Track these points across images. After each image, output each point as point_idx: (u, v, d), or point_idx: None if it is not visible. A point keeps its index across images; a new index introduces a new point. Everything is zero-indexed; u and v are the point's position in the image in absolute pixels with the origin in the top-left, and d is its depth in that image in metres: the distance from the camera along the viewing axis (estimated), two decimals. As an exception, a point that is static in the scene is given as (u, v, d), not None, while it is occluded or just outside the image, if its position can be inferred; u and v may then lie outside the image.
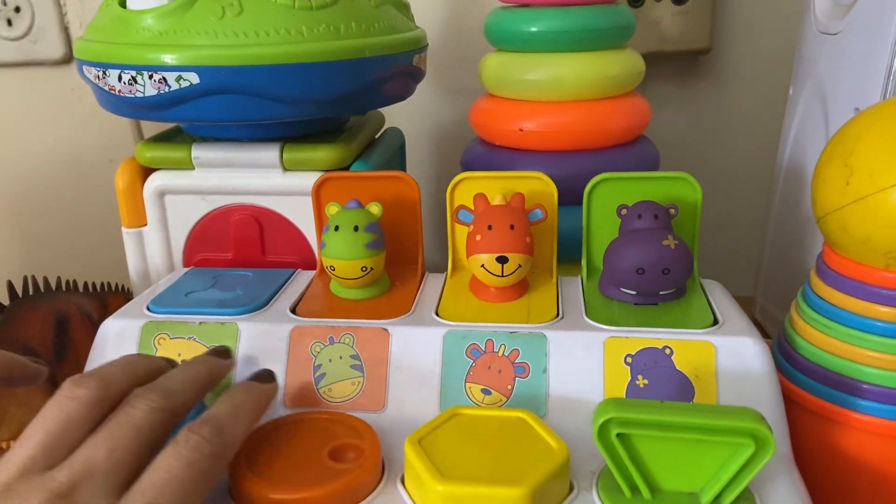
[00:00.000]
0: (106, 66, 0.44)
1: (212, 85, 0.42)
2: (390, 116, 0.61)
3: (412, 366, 0.38)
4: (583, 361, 0.37)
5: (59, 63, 0.74)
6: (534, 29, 0.49)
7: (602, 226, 0.44)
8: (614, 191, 0.43)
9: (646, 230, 0.40)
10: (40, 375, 0.36)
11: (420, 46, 0.51)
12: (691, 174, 0.42)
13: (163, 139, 0.51)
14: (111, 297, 0.55)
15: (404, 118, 0.67)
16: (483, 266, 0.40)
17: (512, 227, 0.40)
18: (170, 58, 0.42)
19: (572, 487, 0.32)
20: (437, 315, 0.40)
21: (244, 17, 0.42)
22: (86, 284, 0.54)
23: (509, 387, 0.37)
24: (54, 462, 0.27)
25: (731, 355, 0.36)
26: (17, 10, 0.72)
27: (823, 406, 0.36)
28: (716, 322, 0.38)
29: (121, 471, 0.28)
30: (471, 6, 0.69)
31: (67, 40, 0.74)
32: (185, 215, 0.50)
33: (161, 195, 0.49)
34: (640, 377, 0.36)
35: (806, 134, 0.52)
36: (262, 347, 0.39)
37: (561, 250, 0.44)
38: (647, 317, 0.39)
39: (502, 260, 0.40)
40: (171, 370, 0.34)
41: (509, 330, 0.38)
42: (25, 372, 0.36)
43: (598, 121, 0.50)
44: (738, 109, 0.70)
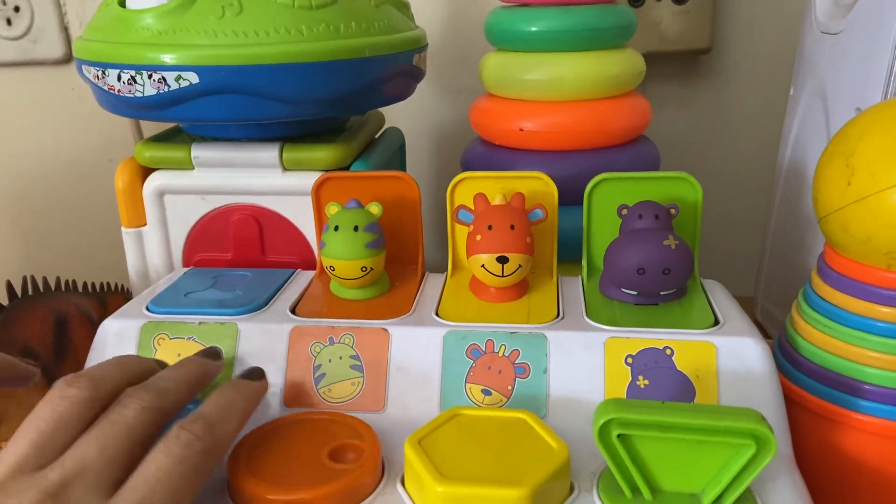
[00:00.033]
0: (105, 66, 0.44)
1: (211, 85, 0.42)
2: (390, 116, 0.61)
3: (412, 366, 0.38)
4: (583, 362, 0.37)
5: (59, 63, 0.74)
6: (534, 28, 0.49)
7: (602, 226, 0.44)
8: (615, 191, 0.43)
9: (646, 230, 0.40)
10: (31, 376, 0.36)
11: (420, 46, 0.51)
12: (692, 174, 0.42)
13: (162, 139, 0.51)
14: (110, 297, 0.55)
15: (404, 118, 0.67)
16: (483, 266, 0.40)
17: (512, 227, 0.40)
18: (169, 57, 0.42)
19: (573, 488, 0.32)
20: (438, 315, 0.40)
21: (244, 17, 0.42)
22: (85, 284, 0.54)
23: (510, 387, 0.37)
24: (46, 461, 0.27)
25: (732, 356, 0.36)
26: (17, 10, 0.72)
27: (824, 406, 0.36)
28: (717, 322, 0.38)
29: (112, 469, 0.28)
30: (471, 6, 0.68)
31: (67, 40, 0.73)
32: (185, 215, 0.50)
33: (160, 195, 0.49)
34: (641, 377, 0.36)
35: (807, 134, 0.52)
36: (262, 348, 0.39)
37: (561, 250, 0.44)
38: (648, 317, 0.39)
39: (502, 260, 0.40)
40: (162, 370, 0.34)
41: (509, 330, 0.38)
42: (15, 372, 0.36)
43: (599, 121, 0.50)
44: (739, 109, 0.70)
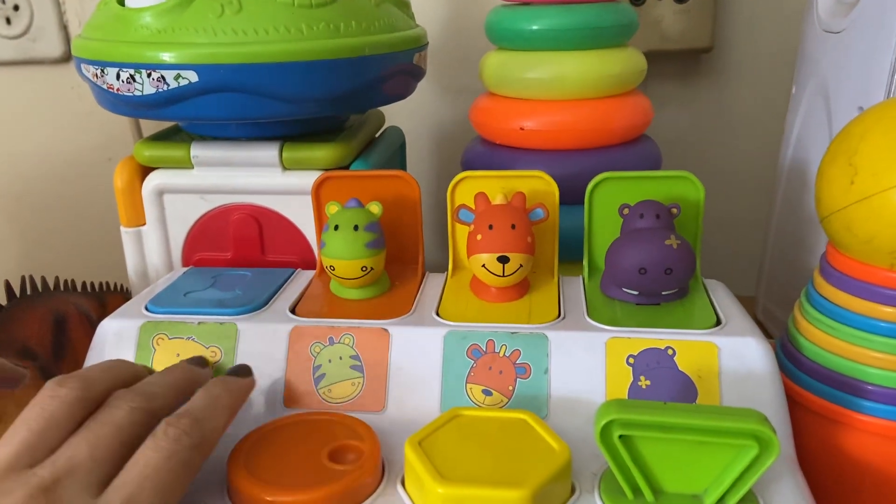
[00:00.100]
0: (104, 65, 0.44)
1: (210, 83, 0.42)
2: (390, 115, 0.60)
3: (412, 366, 0.38)
4: (584, 362, 0.37)
5: (58, 61, 0.74)
6: (535, 27, 0.49)
7: (604, 225, 0.43)
8: (616, 190, 0.43)
9: (648, 230, 0.40)
10: (21, 378, 0.37)
11: (420, 45, 0.51)
12: (693, 173, 0.42)
13: (161, 138, 0.51)
14: (110, 297, 0.55)
15: (404, 117, 0.66)
16: (484, 266, 0.40)
17: (513, 227, 0.40)
18: (168, 56, 0.42)
19: (574, 489, 0.32)
20: (438, 315, 0.40)
21: (243, 15, 0.42)
22: (84, 284, 0.53)
23: (510, 387, 0.37)
24: (37, 460, 0.28)
25: (734, 356, 0.36)
26: (16, 9, 0.72)
27: (827, 407, 0.36)
28: (718, 322, 0.38)
29: (102, 467, 0.28)
30: (471, 4, 0.68)
31: (66, 39, 0.73)
32: (184, 214, 0.49)
33: (160, 194, 0.49)
34: (643, 378, 0.36)
35: (809, 133, 0.51)
36: (262, 348, 0.39)
37: (562, 250, 0.44)
38: (650, 317, 0.39)
39: (503, 260, 0.39)
40: (151, 375, 0.34)
41: (510, 330, 0.38)
42: (5, 374, 0.37)
43: (600, 119, 0.50)
44: (741, 108, 0.70)
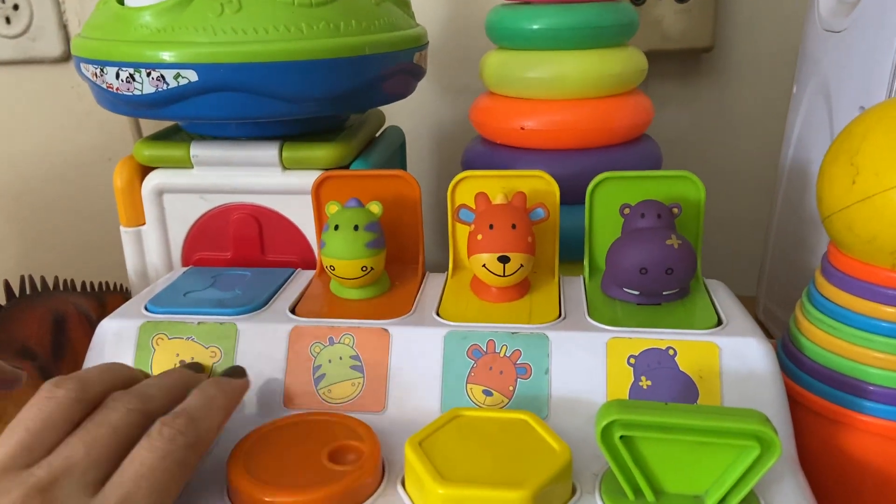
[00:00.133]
0: (103, 64, 0.44)
1: (210, 82, 0.42)
2: (390, 115, 0.60)
3: (413, 367, 0.38)
4: (585, 362, 0.37)
5: (58, 61, 0.74)
6: (536, 26, 0.49)
7: (604, 225, 0.43)
8: (617, 190, 0.43)
9: (649, 230, 0.40)
10: (17, 380, 0.37)
11: (421, 44, 0.50)
12: (694, 173, 0.42)
13: (161, 137, 0.51)
14: (109, 297, 0.55)
15: (405, 116, 0.66)
16: (484, 266, 0.40)
17: (513, 227, 0.40)
18: (168, 55, 0.42)
19: (575, 490, 0.32)
20: (438, 315, 0.40)
21: (243, 14, 0.42)
22: (84, 284, 0.53)
23: (511, 388, 0.37)
24: (34, 460, 0.28)
25: (736, 356, 0.36)
26: (16, 8, 0.72)
27: (828, 407, 0.36)
28: (720, 322, 0.38)
29: (99, 468, 0.28)
30: (472, 4, 0.68)
31: (66, 38, 0.73)
32: (184, 214, 0.49)
33: (159, 194, 0.49)
34: (644, 378, 0.36)
35: (810, 132, 0.51)
36: (262, 348, 0.39)
37: (563, 250, 0.44)
38: (651, 317, 0.39)
39: (504, 259, 0.39)
40: (148, 378, 0.35)
41: (511, 330, 0.38)
42: (2, 376, 0.37)
43: (601, 119, 0.50)
44: (741, 108, 0.70)
